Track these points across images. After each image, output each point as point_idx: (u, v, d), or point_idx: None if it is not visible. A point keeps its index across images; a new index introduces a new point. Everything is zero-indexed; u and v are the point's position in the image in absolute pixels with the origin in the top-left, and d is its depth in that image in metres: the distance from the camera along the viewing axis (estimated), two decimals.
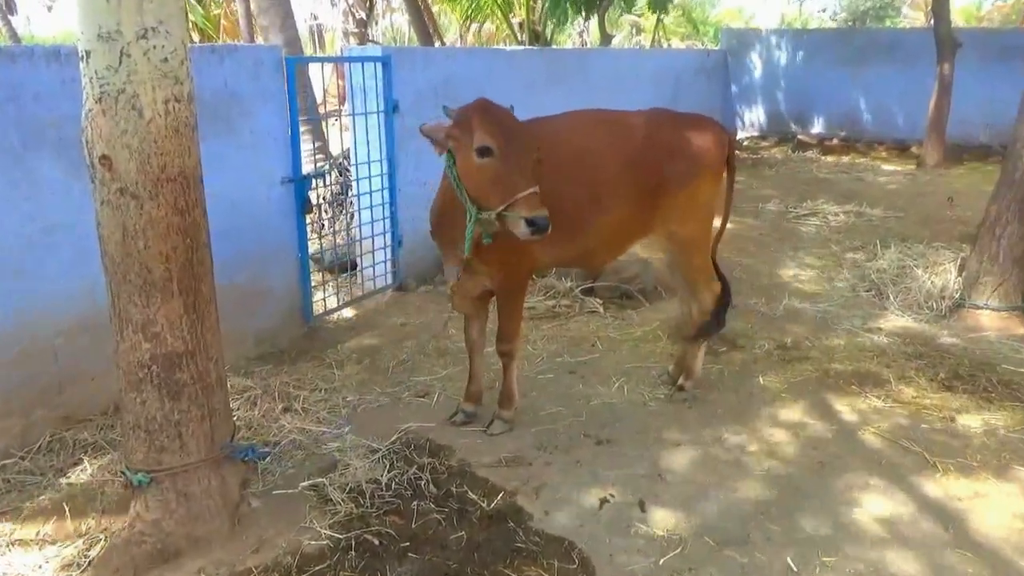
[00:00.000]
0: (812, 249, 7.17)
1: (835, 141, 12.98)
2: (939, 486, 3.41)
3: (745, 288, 6.03)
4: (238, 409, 3.89)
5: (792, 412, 4.09)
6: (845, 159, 12.06)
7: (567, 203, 3.52)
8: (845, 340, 5.01)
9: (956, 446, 3.72)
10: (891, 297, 5.69)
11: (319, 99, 8.58)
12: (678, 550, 3.00)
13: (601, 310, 5.58)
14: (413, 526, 3.09)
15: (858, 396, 4.23)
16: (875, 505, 3.29)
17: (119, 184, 2.73)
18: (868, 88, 12.89)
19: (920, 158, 11.39)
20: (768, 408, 4.13)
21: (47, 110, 3.57)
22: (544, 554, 2.97)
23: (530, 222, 2.98)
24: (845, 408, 4.12)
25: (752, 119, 14.24)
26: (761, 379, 4.45)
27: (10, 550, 2.95)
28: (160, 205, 2.79)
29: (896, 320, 5.36)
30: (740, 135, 13.98)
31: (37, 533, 3.04)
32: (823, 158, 12.07)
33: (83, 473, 3.41)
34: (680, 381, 4.28)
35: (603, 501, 3.32)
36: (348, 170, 6.46)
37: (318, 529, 3.10)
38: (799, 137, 13.34)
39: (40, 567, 2.86)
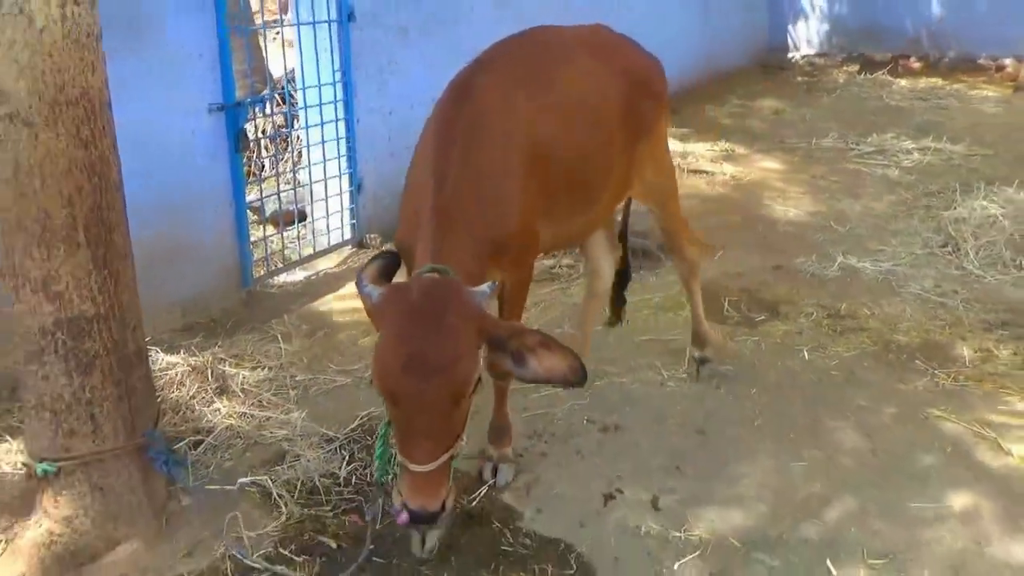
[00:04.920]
0: (877, 195, 7.30)
1: (912, 61, 13.04)
2: (1017, 478, 3.59)
3: (792, 244, 6.20)
4: (162, 390, 4.03)
5: (842, 393, 4.25)
6: (923, 83, 12.15)
7: (571, 166, 3.41)
8: (912, 306, 5.17)
9: None
10: (971, 254, 5.85)
11: (254, 6, 8.63)
12: (696, 553, 3.18)
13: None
14: (377, 527, 3.24)
15: (924, 374, 4.40)
16: (937, 500, 3.47)
17: (7, 108, 2.82)
18: None
19: (1018, 81, 11.50)
20: (813, 389, 4.29)
21: None
22: (536, 558, 3.16)
23: (409, 509, 2.58)
24: (907, 388, 4.29)
25: (808, 35, 14.24)
26: (806, 353, 4.61)
27: None
28: (59, 135, 2.89)
29: (977, 282, 5.51)
30: (793, 54, 14.01)
31: None
32: (896, 82, 12.16)
33: None
34: (697, 353, 4.45)
35: (608, 497, 3.50)
36: (293, 96, 6.54)
37: (262, 531, 3.26)
38: (866, 54, 13.37)
39: None
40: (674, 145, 8.61)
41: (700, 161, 8.25)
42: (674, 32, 10.42)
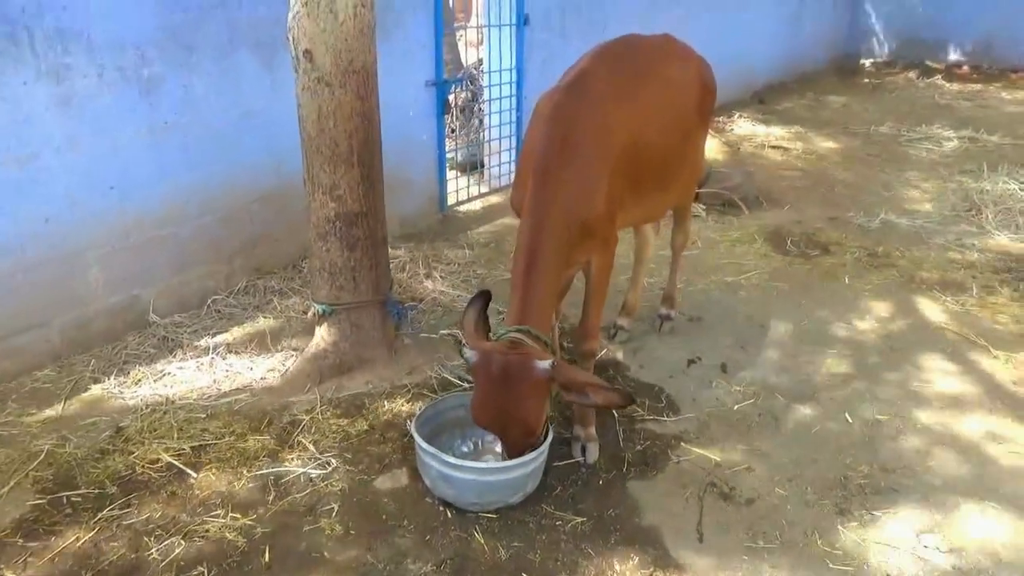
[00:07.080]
0: (919, 171, 7.13)
1: (963, 69, 12.31)
2: (997, 371, 3.72)
3: (845, 202, 6.21)
4: (391, 270, 4.49)
5: (872, 308, 4.38)
6: (970, 87, 11.46)
7: (659, 155, 3.18)
8: (936, 253, 5.17)
9: (1021, 343, 3.97)
10: (990, 217, 5.74)
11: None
12: (751, 400, 3.49)
13: (703, 215, 5.90)
14: None
15: (939, 300, 4.47)
16: (935, 382, 3.65)
17: (317, 74, 3.32)
18: (1009, 12, 12.02)
19: None
20: (850, 303, 4.44)
21: (247, 13, 4.19)
22: (638, 394, 3.53)
23: None
24: (924, 308, 4.38)
25: (877, 45, 13.58)
26: (847, 279, 4.73)
27: (227, 358, 3.76)
28: (347, 92, 3.37)
29: (991, 238, 5.44)
30: (863, 61, 13.39)
31: (246, 347, 3.85)
32: (947, 85, 11.53)
33: (274, 310, 4.21)
34: (664, 311, 4.13)
35: (690, 362, 3.82)
36: (479, 79, 6.92)
37: (455, 364, 3.75)
38: (925, 62, 12.69)
39: (251, 369, 3.66)
40: (757, 127, 8.62)
41: (778, 140, 8.22)
42: (767, 41, 10.29)
